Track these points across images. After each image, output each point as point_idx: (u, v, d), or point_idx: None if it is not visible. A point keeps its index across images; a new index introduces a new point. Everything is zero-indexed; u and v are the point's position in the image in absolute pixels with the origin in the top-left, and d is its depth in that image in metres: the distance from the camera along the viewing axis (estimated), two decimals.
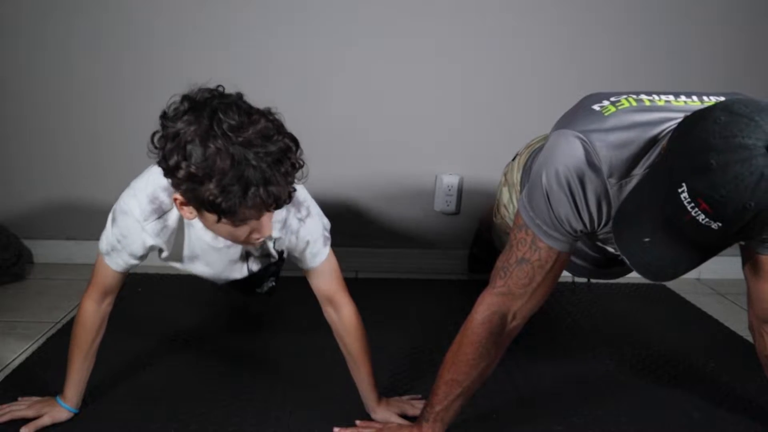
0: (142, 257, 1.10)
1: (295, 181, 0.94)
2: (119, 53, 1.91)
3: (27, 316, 1.67)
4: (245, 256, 1.21)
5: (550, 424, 1.24)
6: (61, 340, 1.50)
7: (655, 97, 0.98)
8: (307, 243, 1.12)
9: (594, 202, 0.95)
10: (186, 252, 1.13)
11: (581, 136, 0.93)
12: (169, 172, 0.89)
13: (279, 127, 0.91)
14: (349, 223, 2.09)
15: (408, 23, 1.93)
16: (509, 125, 2.04)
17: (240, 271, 1.23)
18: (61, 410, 1.17)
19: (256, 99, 2.03)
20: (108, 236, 1.09)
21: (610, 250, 1.11)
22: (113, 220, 1.08)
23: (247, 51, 1.93)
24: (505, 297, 1.04)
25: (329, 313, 1.20)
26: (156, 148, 0.91)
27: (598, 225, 0.99)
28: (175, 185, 0.90)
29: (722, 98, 0.94)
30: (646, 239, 0.82)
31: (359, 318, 1.19)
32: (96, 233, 2.17)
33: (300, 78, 1.96)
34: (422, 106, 2.01)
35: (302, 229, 1.11)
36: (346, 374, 1.36)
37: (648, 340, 1.62)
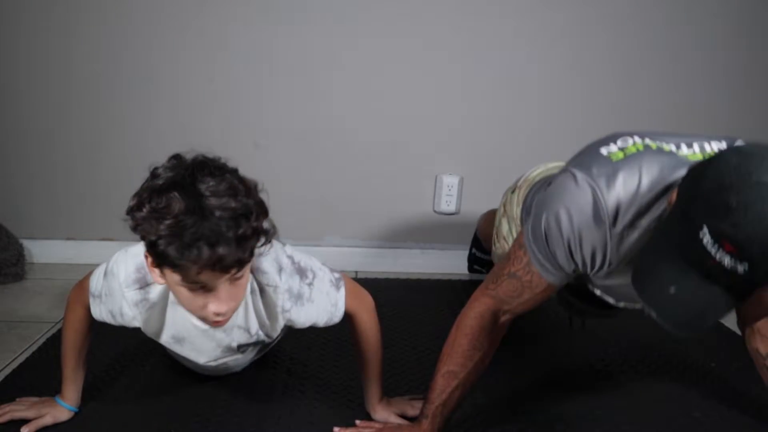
0: (119, 322, 1.07)
1: (255, 251, 0.90)
2: (119, 53, 1.91)
3: (27, 316, 1.67)
4: (237, 348, 1.14)
5: (549, 424, 1.24)
6: (61, 340, 1.50)
7: (661, 143, 0.95)
8: (324, 300, 1.09)
9: (589, 251, 0.95)
10: (170, 331, 1.08)
11: (591, 183, 0.91)
12: (130, 213, 0.87)
13: (249, 191, 0.89)
14: (349, 223, 2.09)
15: (408, 23, 1.93)
16: (509, 125, 2.05)
17: (232, 357, 1.18)
18: (62, 410, 1.17)
19: (257, 99, 2.04)
20: (99, 282, 1.07)
21: (609, 300, 1.11)
22: (105, 274, 1.06)
23: (247, 51, 1.93)
24: (495, 299, 1.08)
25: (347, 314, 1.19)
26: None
27: (591, 269, 0.99)
28: (134, 229, 0.88)
29: (724, 143, 0.93)
30: (672, 290, 0.78)
31: (375, 318, 1.19)
32: (96, 233, 2.18)
33: (300, 78, 1.96)
34: (422, 106, 2.01)
35: (314, 292, 1.08)
36: (346, 374, 1.36)
37: (648, 339, 1.62)
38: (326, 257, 2.04)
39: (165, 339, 1.10)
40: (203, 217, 0.81)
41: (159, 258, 0.85)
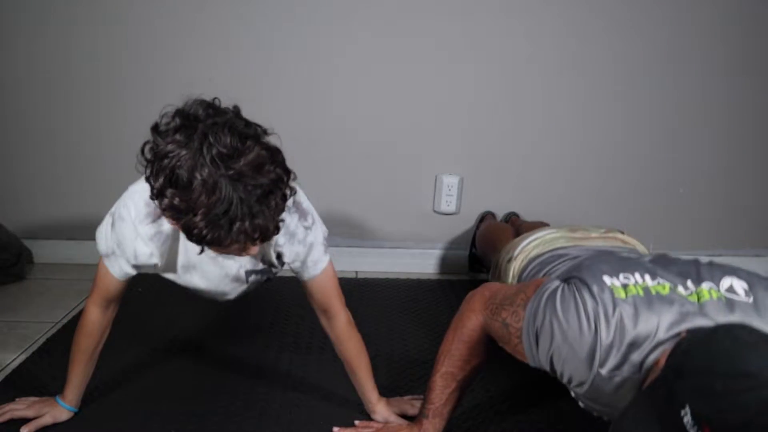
0: (137, 267, 1.08)
1: (285, 209, 0.91)
2: (119, 53, 1.91)
3: (27, 316, 1.67)
4: (245, 276, 1.16)
5: (549, 423, 1.24)
6: (61, 340, 1.50)
7: (660, 283, 0.94)
8: (311, 250, 1.11)
9: (568, 375, 0.95)
10: (181, 260, 1.11)
11: (596, 322, 0.90)
12: (155, 195, 0.87)
13: (273, 155, 0.88)
14: (349, 223, 2.09)
15: (408, 23, 1.93)
16: (509, 125, 2.04)
17: (237, 288, 1.20)
18: (62, 410, 1.17)
19: (257, 99, 2.04)
20: (107, 238, 1.08)
21: (579, 403, 1.10)
22: (112, 224, 1.07)
23: (248, 51, 1.93)
24: (486, 325, 1.08)
25: (323, 321, 1.20)
26: (146, 161, 0.89)
27: (568, 384, 0.98)
28: (161, 209, 0.87)
29: (713, 285, 0.92)
30: None
31: (352, 325, 1.19)
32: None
33: (300, 78, 1.95)
34: (422, 106, 2.01)
35: (308, 236, 1.10)
36: (345, 375, 1.36)
37: None
38: None
39: (177, 272, 1.12)
40: (236, 200, 0.81)
41: (194, 240, 0.85)
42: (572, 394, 1.07)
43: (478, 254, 2.01)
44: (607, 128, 2.07)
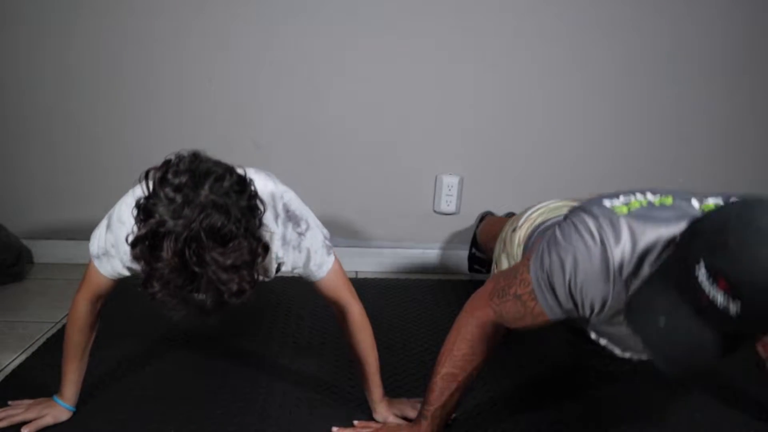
0: (133, 269, 1.07)
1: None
2: (120, 53, 1.91)
3: (27, 316, 1.67)
4: None
5: (549, 423, 1.24)
6: (61, 340, 1.49)
7: (663, 198, 0.95)
8: (309, 255, 1.11)
9: (589, 299, 0.95)
10: None
11: (602, 235, 0.92)
12: (131, 238, 0.87)
13: (253, 252, 0.87)
14: (349, 223, 2.09)
15: (408, 23, 1.93)
16: (510, 125, 2.04)
17: None
18: (62, 410, 1.17)
19: (257, 99, 2.04)
20: (100, 240, 1.08)
21: (615, 351, 1.10)
22: (108, 225, 1.07)
23: (248, 51, 1.93)
24: (497, 315, 1.07)
25: (336, 313, 1.20)
26: (138, 205, 0.88)
27: (591, 313, 0.99)
28: (131, 248, 0.87)
29: (720, 199, 0.93)
30: (662, 322, 0.79)
31: (365, 318, 1.19)
32: None
33: (300, 78, 1.95)
34: (422, 106, 2.01)
35: (303, 242, 1.10)
36: (345, 374, 1.36)
37: None
38: None
39: None
40: (200, 290, 0.83)
41: (149, 295, 0.87)
42: (594, 336, 1.07)
43: (479, 254, 2.01)
44: (606, 128, 2.07)
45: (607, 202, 0.96)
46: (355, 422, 1.21)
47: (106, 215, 1.10)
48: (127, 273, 1.09)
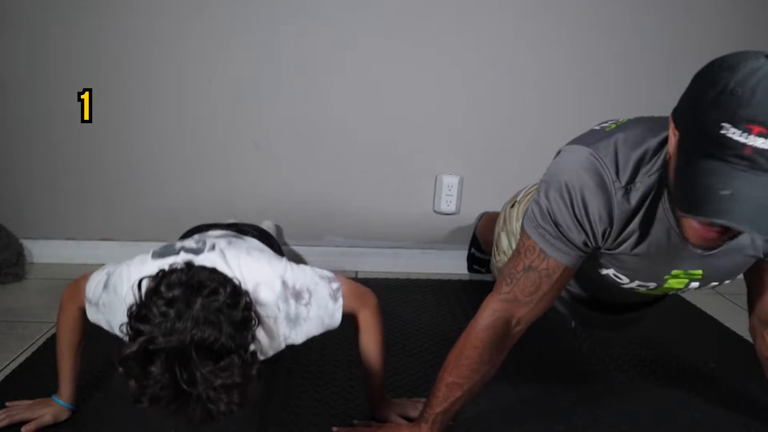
0: (116, 333, 1.05)
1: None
2: (119, 53, 1.91)
3: (27, 316, 1.67)
4: None
5: (550, 424, 1.24)
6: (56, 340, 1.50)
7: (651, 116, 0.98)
8: (321, 318, 1.10)
9: (596, 215, 0.95)
10: None
11: (589, 150, 0.93)
12: (122, 363, 0.87)
13: (246, 374, 0.88)
14: (349, 223, 2.09)
15: (408, 24, 1.93)
16: (509, 125, 2.05)
17: None
18: (62, 409, 1.17)
19: (257, 99, 2.04)
20: (97, 291, 1.07)
21: (622, 280, 1.10)
22: (105, 285, 1.06)
23: (248, 51, 1.93)
24: (510, 304, 1.05)
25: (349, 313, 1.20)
26: (133, 307, 0.89)
27: (602, 238, 0.98)
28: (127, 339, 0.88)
29: None
30: (725, 192, 0.74)
31: (376, 318, 1.18)
32: (96, 233, 2.18)
33: (300, 78, 1.96)
34: (422, 106, 2.01)
35: (311, 311, 1.08)
36: (346, 374, 1.36)
37: (647, 339, 1.62)
38: (326, 257, 2.06)
39: None
40: (188, 404, 0.86)
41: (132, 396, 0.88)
42: (603, 271, 1.07)
43: (479, 254, 2.01)
44: None
45: (596, 126, 0.98)
46: (355, 422, 1.21)
47: (106, 270, 1.08)
48: (107, 328, 1.08)
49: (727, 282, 1.07)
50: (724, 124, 0.74)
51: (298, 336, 1.08)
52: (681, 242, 0.94)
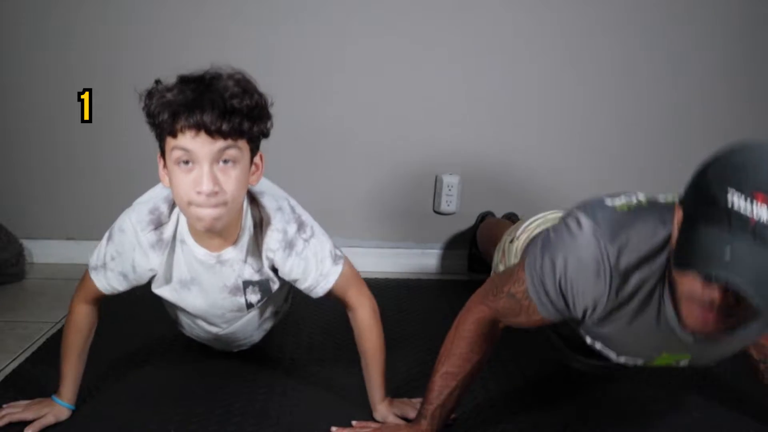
0: (130, 280, 1.10)
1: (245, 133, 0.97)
2: (119, 53, 1.91)
3: (27, 316, 1.67)
4: (243, 287, 1.16)
5: (549, 424, 1.24)
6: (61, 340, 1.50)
7: (665, 195, 0.97)
8: (309, 265, 1.10)
9: (580, 300, 0.95)
10: (178, 274, 1.11)
11: (596, 233, 0.91)
12: (146, 97, 0.99)
13: (256, 87, 1.01)
14: (349, 223, 2.09)
15: (408, 23, 1.93)
16: (509, 125, 2.05)
17: (238, 305, 1.18)
18: (62, 409, 1.17)
19: None
20: (101, 251, 1.09)
21: (610, 354, 1.09)
22: (109, 237, 1.09)
23: (248, 51, 1.93)
24: (494, 311, 1.08)
25: (347, 311, 1.20)
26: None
27: (583, 313, 0.98)
28: (145, 109, 0.98)
29: None
30: (726, 257, 0.74)
31: (375, 317, 1.19)
32: (96, 233, 2.17)
33: (300, 78, 1.96)
34: (422, 106, 2.01)
35: (307, 250, 1.09)
36: (345, 374, 1.36)
37: None
38: None
39: (174, 286, 1.12)
40: (200, 87, 0.93)
41: (157, 124, 0.94)
42: (589, 341, 1.06)
43: (479, 254, 2.01)
44: (606, 128, 2.07)
45: (608, 201, 0.95)
46: (354, 422, 1.21)
47: (108, 231, 1.11)
48: (121, 288, 1.11)
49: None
50: (730, 189, 0.74)
51: (284, 265, 1.09)
52: (674, 329, 0.93)
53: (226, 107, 0.91)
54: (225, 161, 0.95)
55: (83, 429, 1.17)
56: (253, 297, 1.18)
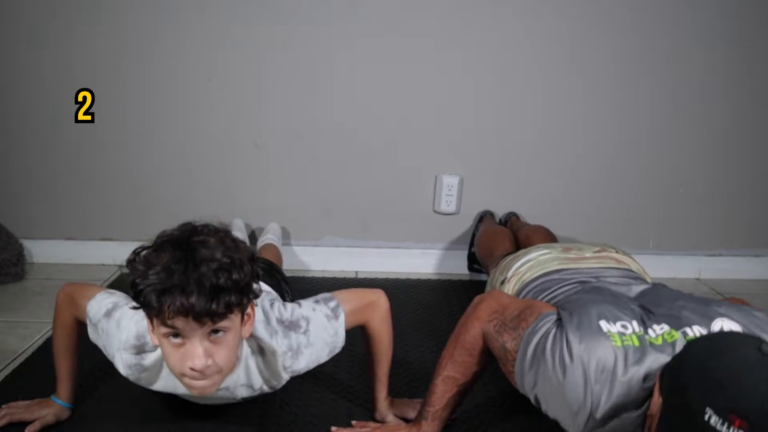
0: (110, 360, 1.08)
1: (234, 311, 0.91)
2: (118, 53, 1.91)
3: (27, 316, 1.67)
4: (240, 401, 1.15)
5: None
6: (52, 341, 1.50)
7: (655, 327, 0.96)
8: (324, 340, 1.09)
9: (554, 417, 0.97)
10: (161, 386, 1.09)
11: (590, 383, 0.90)
12: (129, 264, 0.91)
13: (239, 248, 0.92)
14: (349, 223, 2.09)
15: (408, 23, 1.93)
16: (509, 125, 2.05)
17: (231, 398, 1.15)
18: (62, 408, 1.17)
19: (257, 99, 2.03)
20: (99, 313, 1.08)
21: None
22: (109, 313, 1.06)
23: (248, 51, 1.93)
24: (489, 338, 1.07)
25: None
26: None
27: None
28: (129, 276, 0.90)
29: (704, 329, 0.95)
30: None
31: (386, 320, 1.18)
32: (96, 233, 2.18)
33: (300, 78, 1.95)
34: (422, 106, 2.01)
35: (311, 337, 1.08)
36: (346, 374, 1.36)
37: None
38: (326, 257, 2.06)
39: (158, 389, 1.10)
40: (187, 267, 0.86)
41: (143, 305, 0.89)
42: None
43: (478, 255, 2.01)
44: (606, 128, 2.07)
45: (603, 325, 0.95)
46: (353, 422, 1.21)
47: (115, 299, 1.09)
48: (103, 351, 1.09)
49: None
50: (708, 409, 0.73)
51: (300, 364, 1.07)
52: None
53: (213, 287, 0.86)
54: (216, 332, 0.91)
55: (83, 429, 1.17)
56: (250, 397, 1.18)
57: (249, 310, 0.97)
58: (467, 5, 1.92)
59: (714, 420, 0.72)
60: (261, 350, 1.05)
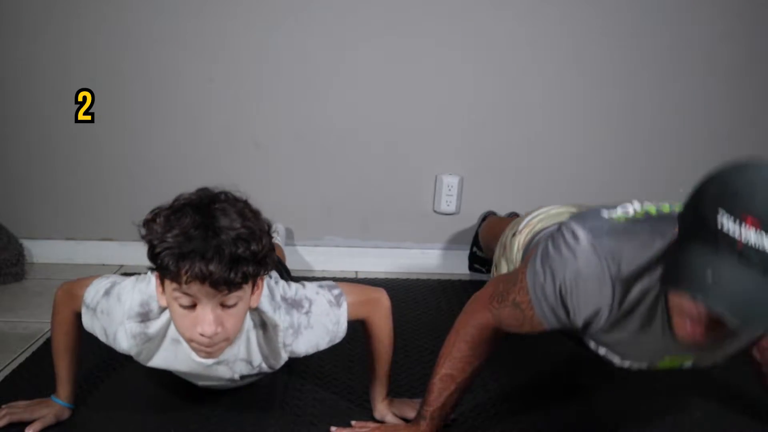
0: (109, 342, 1.07)
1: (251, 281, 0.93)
2: (119, 53, 1.91)
3: (27, 316, 1.67)
4: (239, 379, 1.14)
5: (549, 424, 1.24)
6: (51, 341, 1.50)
7: (659, 205, 0.98)
8: (324, 325, 1.10)
9: (581, 311, 0.96)
10: (159, 361, 1.09)
11: (597, 249, 0.92)
12: (146, 223, 0.92)
13: (258, 220, 0.93)
14: (349, 223, 2.09)
15: (409, 23, 1.93)
16: (510, 125, 2.04)
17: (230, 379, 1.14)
18: (63, 408, 1.17)
19: (257, 99, 2.04)
20: (98, 294, 1.07)
21: (614, 360, 1.10)
22: (107, 291, 1.06)
23: (247, 51, 1.93)
24: (496, 318, 1.08)
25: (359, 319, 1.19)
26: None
27: (584, 325, 0.99)
28: (145, 237, 0.91)
29: None
30: (709, 278, 0.75)
31: (388, 318, 1.18)
32: (96, 233, 2.18)
33: (300, 78, 1.95)
34: (422, 106, 2.01)
35: (312, 318, 1.08)
36: (346, 374, 1.36)
37: None
38: (326, 257, 2.06)
39: (156, 364, 1.10)
40: (207, 233, 0.86)
41: (159, 267, 0.89)
42: (592, 346, 1.07)
43: (479, 253, 2.01)
44: (606, 128, 2.07)
45: (604, 213, 0.96)
46: (353, 422, 1.21)
47: (111, 279, 1.09)
48: (99, 337, 1.08)
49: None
50: (721, 210, 0.75)
51: (299, 346, 1.08)
52: (672, 337, 0.94)
53: (232, 256, 0.86)
54: (228, 300, 0.92)
55: (83, 429, 1.17)
56: (250, 378, 1.19)
57: (258, 280, 0.98)
58: (467, 6, 1.92)
59: (726, 221, 0.73)
60: (263, 324, 1.06)
